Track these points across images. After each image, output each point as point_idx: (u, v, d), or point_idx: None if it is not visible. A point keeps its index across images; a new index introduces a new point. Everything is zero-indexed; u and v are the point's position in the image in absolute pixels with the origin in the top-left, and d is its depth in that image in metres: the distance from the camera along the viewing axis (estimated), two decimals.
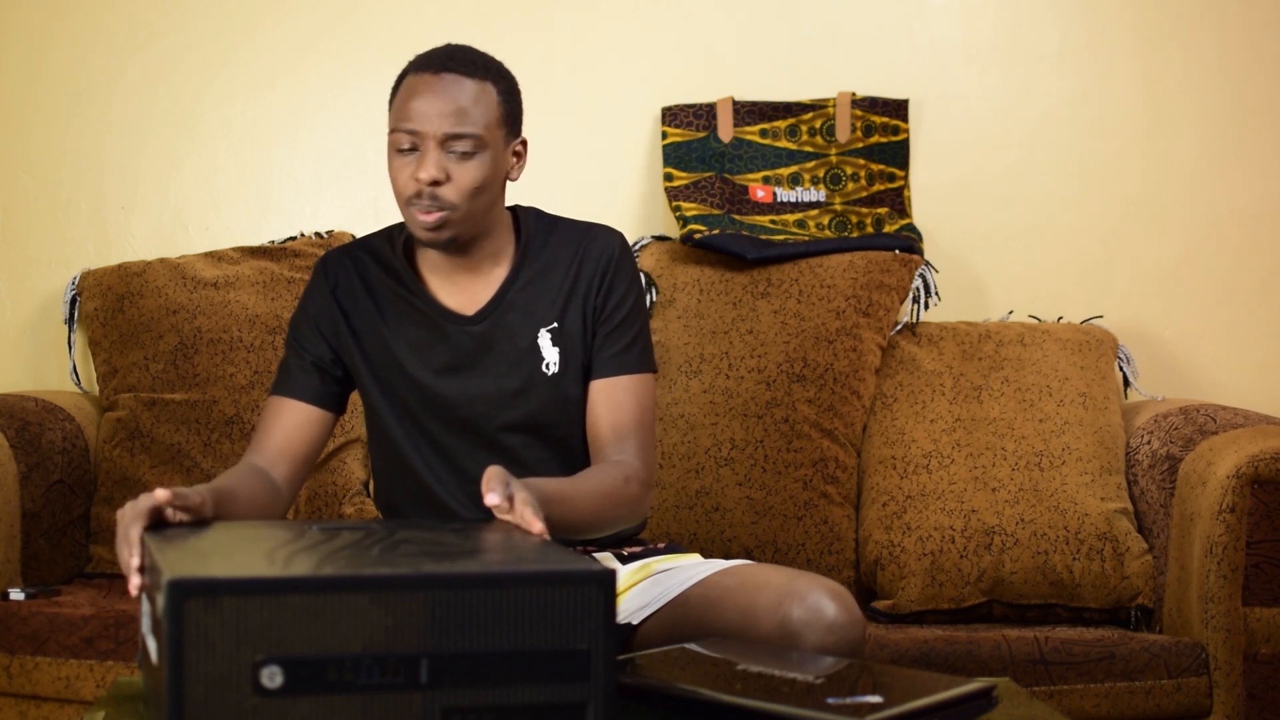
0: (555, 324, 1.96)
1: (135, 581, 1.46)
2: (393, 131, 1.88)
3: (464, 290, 1.96)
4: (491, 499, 1.57)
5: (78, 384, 2.81)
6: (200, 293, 2.71)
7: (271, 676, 1.17)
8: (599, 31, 2.95)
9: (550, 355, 1.96)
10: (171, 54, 2.94)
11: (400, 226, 2.01)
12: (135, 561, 1.47)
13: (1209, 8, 2.99)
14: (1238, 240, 2.99)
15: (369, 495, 2.64)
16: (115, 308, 2.72)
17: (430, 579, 1.22)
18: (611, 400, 1.96)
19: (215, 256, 2.80)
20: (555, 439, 1.97)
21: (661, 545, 2.09)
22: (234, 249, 2.82)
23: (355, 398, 2.08)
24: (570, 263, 1.97)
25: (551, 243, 1.99)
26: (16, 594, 2.33)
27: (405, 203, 1.89)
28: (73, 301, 2.79)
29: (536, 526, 1.53)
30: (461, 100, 1.86)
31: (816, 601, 1.68)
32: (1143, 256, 2.98)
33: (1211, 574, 2.26)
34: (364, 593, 1.20)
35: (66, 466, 2.56)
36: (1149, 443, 2.56)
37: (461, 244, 1.92)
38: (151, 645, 1.31)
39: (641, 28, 2.95)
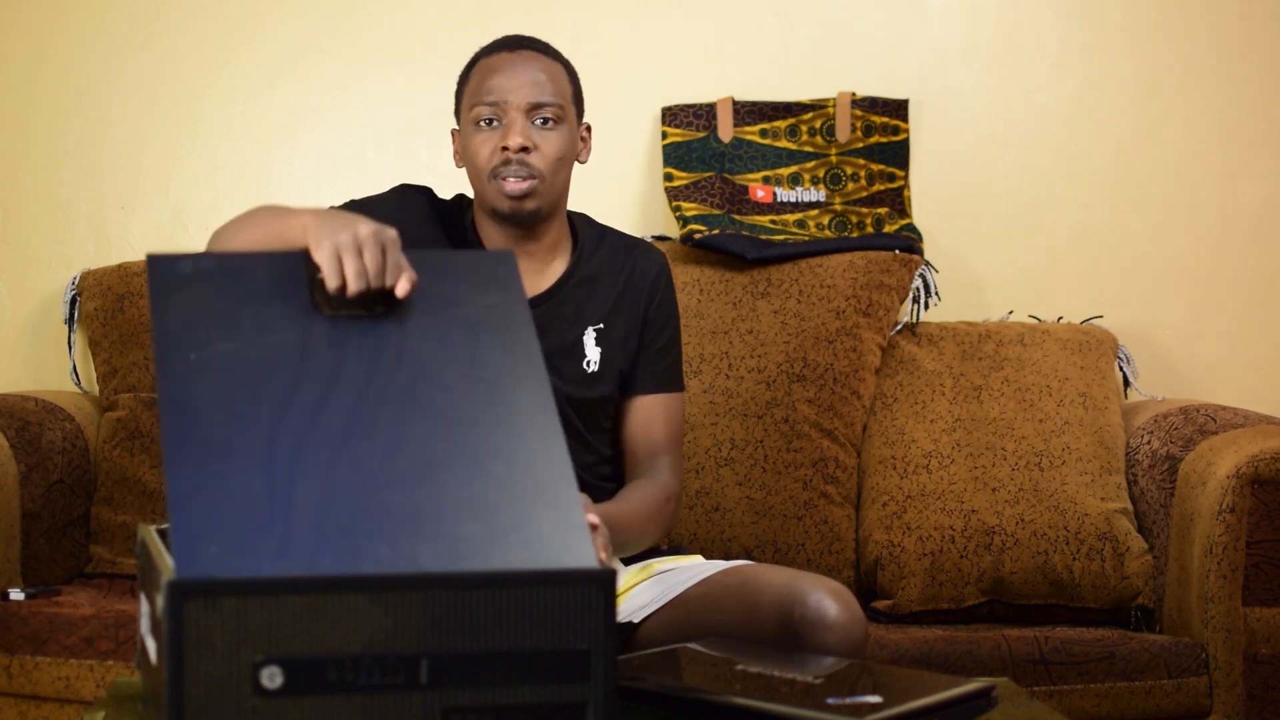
0: (601, 325, 2.01)
1: (404, 286, 1.42)
2: (473, 108, 1.93)
3: (525, 272, 1.94)
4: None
5: (78, 384, 2.81)
6: None
7: (271, 677, 1.17)
8: (599, 31, 2.95)
9: (592, 354, 2.00)
10: (171, 54, 2.94)
11: (467, 205, 2.02)
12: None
13: (1208, 8, 2.99)
14: (1238, 240, 2.99)
15: None
16: (115, 308, 2.72)
17: (430, 579, 1.22)
18: (650, 417, 2.03)
19: None
20: (579, 435, 1.99)
21: (664, 546, 2.09)
22: None
23: None
24: (619, 271, 2.03)
25: (603, 248, 2.04)
26: (16, 594, 2.33)
27: (490, 175, 1.91)
28: (73, 301, 2.79)
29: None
30: (542, 73, 1.94)
31: (819, 601, 1.68)
32: (1143, 256, 2.98)
33: (1211, 574, 2.26)
34: (364, 593, 1.20)
35: (66, 466, 2.56)
36: (1149, 443, 2.56)
37: (538, 221, 1.95)
38: (151, 645, 1.31)
39: (641, 28, 2.95)
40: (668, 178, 2.86)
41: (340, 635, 1.19)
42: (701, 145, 2.87)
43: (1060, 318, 2.87)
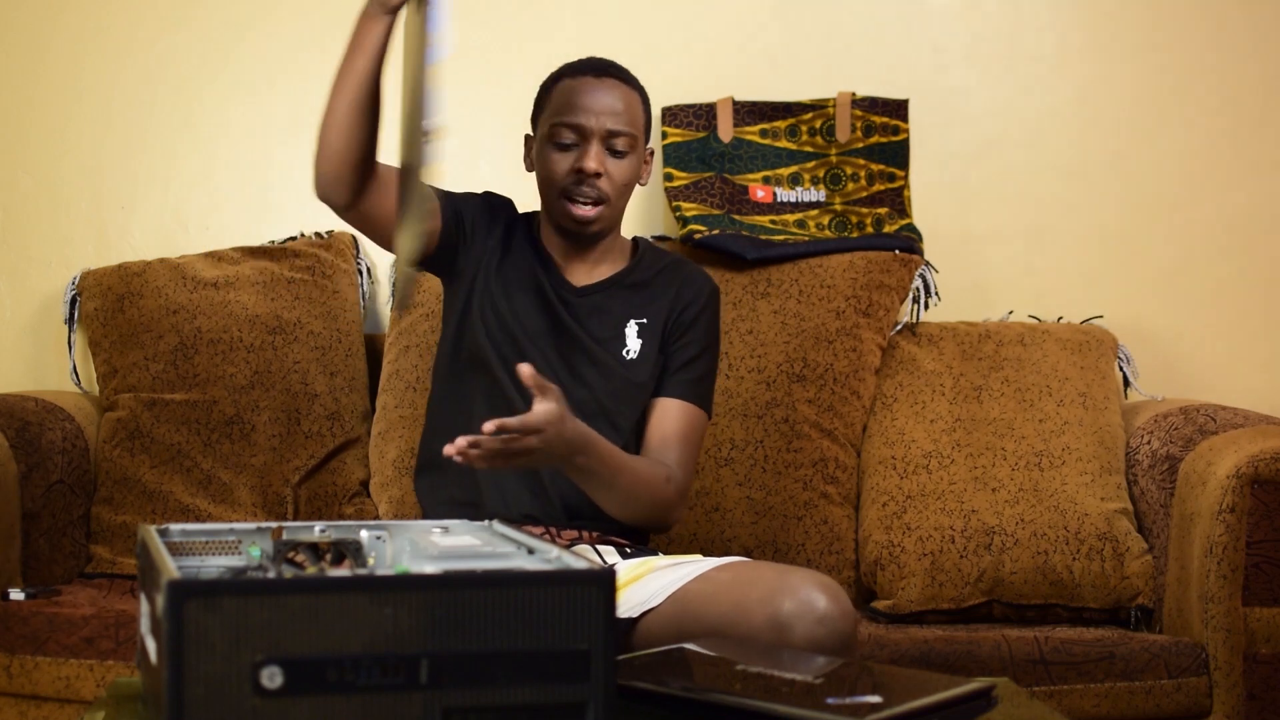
0: (645, 320, 2.14)
1: None
2: (553, 125, 2.07)
3: (578, 271, 2.16)
4: (525, 369, 1.75)
5: (78, 384, 2.81)
6: (200, 293, 2.71)
7: (271, 677, 1.17)
8: (599, 31, 2.95)
9: (633, 344, 2.13)
10: (171, 53, 2.94)
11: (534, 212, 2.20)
12: None
13: (1208, 8, 2.99)
14: (1238, 240, 2.99)
15: (368, 495, 2.64)
16: (115, 308, 2.72)
17: (430, 579, 1.22)
18: (666, 416, 2.12)
19: (215, 256, 2.80)
20: (610, 418, 2.08)
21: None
22: (234, 249, 2.82)
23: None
24: (671, 282, 2.18)
25: (661, 262, 2.20)
26: (16, 594, 2.33)
27: (560, 192, 2.08)
28: (73, 301, 2.79)
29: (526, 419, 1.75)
30: (621, 102, 2.08)
31: (808, 595, 1.70)
32: (1143, 256, 2.98)
33: (1211, 574, 2.26)
34: (364, 593, 1.20)
35: (66, 466, 2.56)
36: (1149, 443, 2.56)
37: (598, 239, 2.13)
38: (151, 645, 1.31)
39: (641, 28, 2.95)
40: (668, 178, 2.86)
41: (340, 635, 1.19)
42: (701, 145, 2.87)
43: (1060, 318, 2.87)
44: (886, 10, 2.97)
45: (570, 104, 2.07)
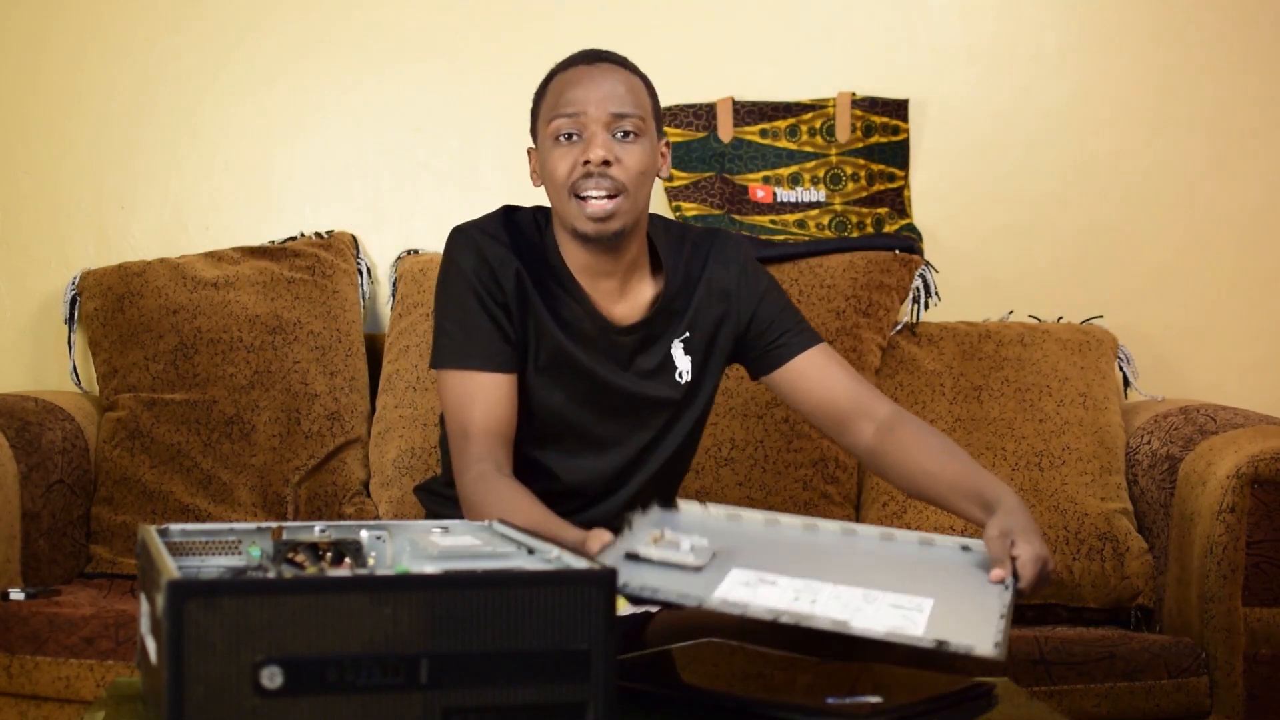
0: (687, 334, 1.97)
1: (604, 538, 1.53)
2: (551, 121, 1.87)
3: (613, 302, 1.95)
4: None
5: (78, 384, 2.81)
6: (200, 293, 2.71)
7: (271, 677, 1.17)
8: (599, 31, 2.94)
9: (682, 364, 1.97)
10: (171, 54, 2.94)
11: (545, 221, 1.96)
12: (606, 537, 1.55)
13: (1207, 8, 2.99)
14: (1238, 240, 2.99)
15: (368, 495, 2.64)
16: (115, 308, 2.72)
17: (430, 579, 1.22)
18: (819, 370, 1.96)
19: (215, 256, 2.80)
20: (665, 456, 1.99)
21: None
22: (234, 249, 2.82)
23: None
24: (698, 278, 1.98)
25: (683, 257, 1.99)
26: (16, 594, 2.33)
27: (571, 191, 1.86)
28: (73, 301, 2.79)
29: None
30: (622, 85, 1.87)
31: None
32: (1143, 256, 2.98)
33: (1211, 574, 2.26)
34: (364, 593, 1.20)
35: (66, 466, 2.56)
36: (1149, 443, 2.56)
37: (621, 240, 1.89)
38: (151, 645, 1.31)
39: (641, 28, 2.95)
40: (668, 178, 2.86)
41: (340, 635, 1.18)
42: (701, 145, 2.87)
43: (1060, 318, 2.87)
44: (886, 10, 2.97)
45: (565, 95, 1.87)
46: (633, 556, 1.50)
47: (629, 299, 1.96)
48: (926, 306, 2.76)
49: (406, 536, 1.53)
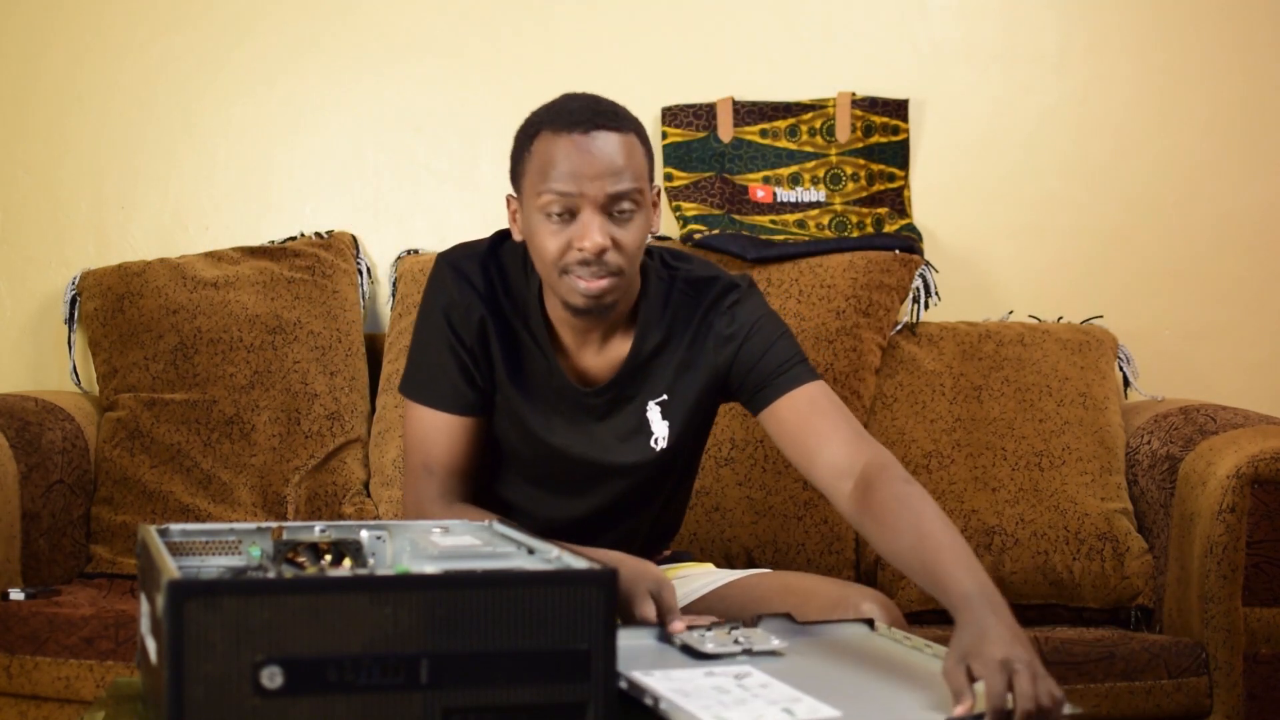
0: (664, 396, 1.87)
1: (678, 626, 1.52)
2: (540, 195, 1.73)
3: (588, 358, 1.88)
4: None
5: (78, 384, 2.81)
6: (200, 293, 2.71)
7: (271, 677, 1.17)
8: (599, 31, 2.95)
9: (659, 429, 1.88)
10: (170, 54, 2.94)
11: (531, 269, 1.86)
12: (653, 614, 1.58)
13: (1207, 8, 2.99)
14: (1238, 240, 2.99)
15: (368, 495, 2.64)
16: (115, 308, 2.72)
17: (430, 579, 1.22)
18: (797, 414, 1.81)
19: (215, 256, 2.80)
20: (647, 502, 1.95)
21: (667, 553, 2.08)
22: (234, 249, 2.82)
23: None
24: (683, 335, 1.87)
25: (671, 304, 1.88)
26: (16, 594, 2.33)
27: (562, 271, 1.75)
28: (73, 301, 2.79)
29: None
30: (617, 158, 1.73)
31: (870, 612, 1.69)
32: (1143, 256, 2.98)
33: (1211, 574, 2.26)
34: (364, 593, 1.20)
35: (66, 466, 2.56)
36: (1149, 443, 2.56)
37: (613, 308, 1.80)
38: (151, 645, 1.31)
39: (641, 28, 2.95)
40: (668, 178, 2.86)
41: (340, 635, 1.18)
42: (701, 145, 2.87)
43: (1060, 318, 2.87)
44: (886, 10, 2.97)
45: (558, 169, 1.72)
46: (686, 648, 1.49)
47: (607, 353, 1.88)
48: (926, 306, 2.76)
49: (406, 536, 1.53)
